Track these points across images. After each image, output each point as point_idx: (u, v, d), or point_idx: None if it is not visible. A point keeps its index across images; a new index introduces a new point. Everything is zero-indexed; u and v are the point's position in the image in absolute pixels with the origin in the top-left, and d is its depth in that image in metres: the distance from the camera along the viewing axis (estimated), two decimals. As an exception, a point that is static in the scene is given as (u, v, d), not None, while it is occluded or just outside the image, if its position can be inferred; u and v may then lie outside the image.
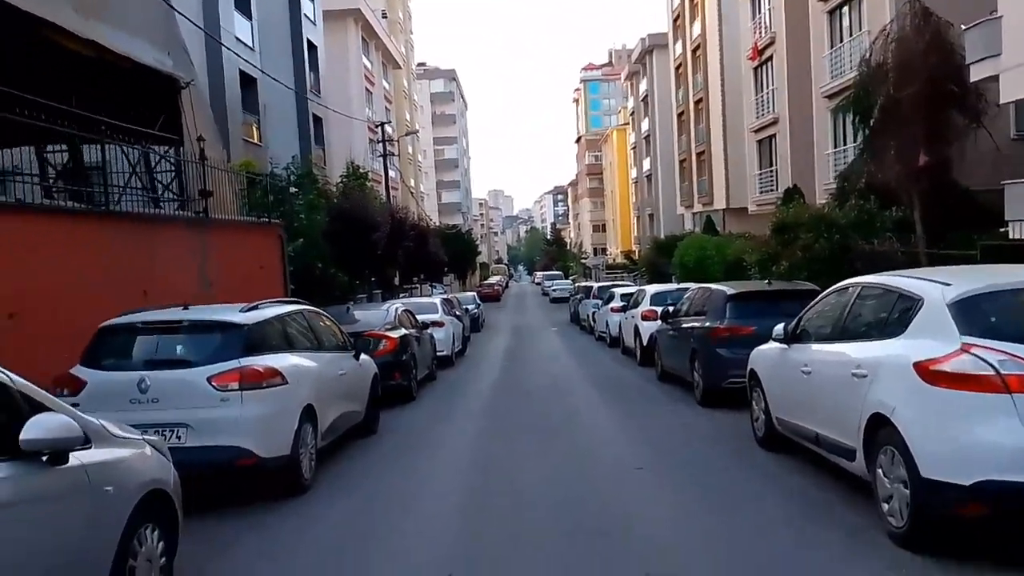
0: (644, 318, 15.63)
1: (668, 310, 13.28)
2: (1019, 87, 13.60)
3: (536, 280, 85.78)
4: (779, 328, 7.17)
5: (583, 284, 39.78)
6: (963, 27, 14.21)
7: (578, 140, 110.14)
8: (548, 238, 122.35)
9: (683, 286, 17.27)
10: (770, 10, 28.44)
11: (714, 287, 11.90)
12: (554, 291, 53.67)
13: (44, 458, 3.35)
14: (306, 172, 22.39)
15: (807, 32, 24.13)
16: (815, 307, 6.93)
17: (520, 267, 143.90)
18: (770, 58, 28.72)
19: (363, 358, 9.24)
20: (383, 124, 37.70)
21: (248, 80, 25.47)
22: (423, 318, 15.38)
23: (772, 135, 29.21)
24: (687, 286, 16.52)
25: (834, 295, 6.65)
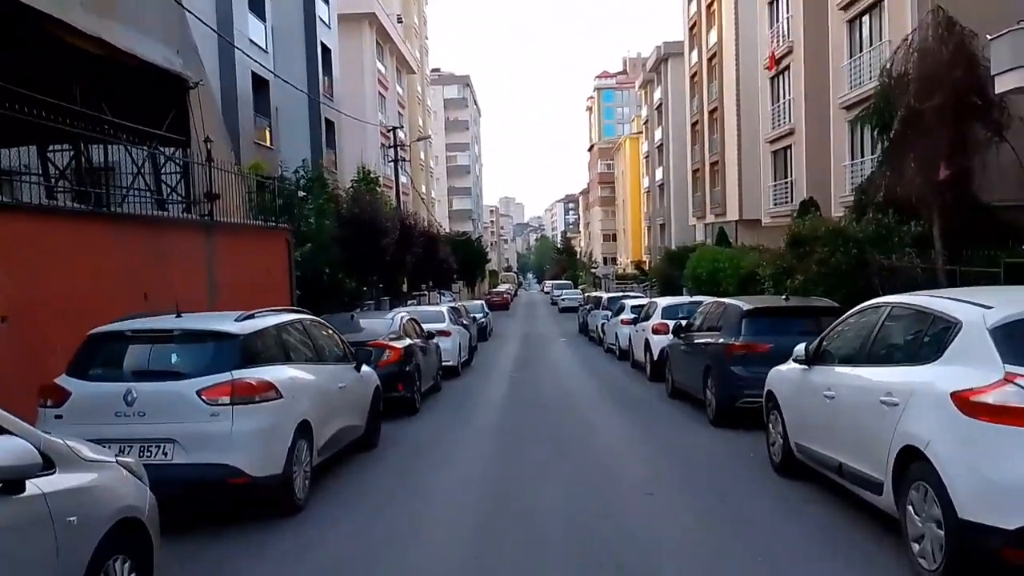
0: (655, 332, 15.27)
1: (680, 324, 12.93)
2: (1046, 100, 13.21)
3: (545, 289, 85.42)
4: (800, 348, 6.80)
5: (593, 294, 39.41)
6: (988, 37, 13.83)
7: (590, 148, 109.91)
8: (558, 247, 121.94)
9: (696, 299, 16.91)
10: (788, 19, 28.08)
11: (729, 302, 11.54)
12: (563, 301, 53.37)
13: (-3, 488, 3.05)
14: (316, 176, 22.21)
15: (826, 41, 23.76)
16: (839, 327, 6.56)
17: (530, 275, 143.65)
18: (787, 67, 28.34)
19: (364, 369, 8.94)
20: (395, 128, 37.50)
21: (260, 82, 25.35)
22: (429, 327, 15.06)
23: (788, 146, 28.82)
24: (700, 299, 16.19)
25: (860, 315, 6.28)
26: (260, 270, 13.86)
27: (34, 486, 3.20)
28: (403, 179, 37.50)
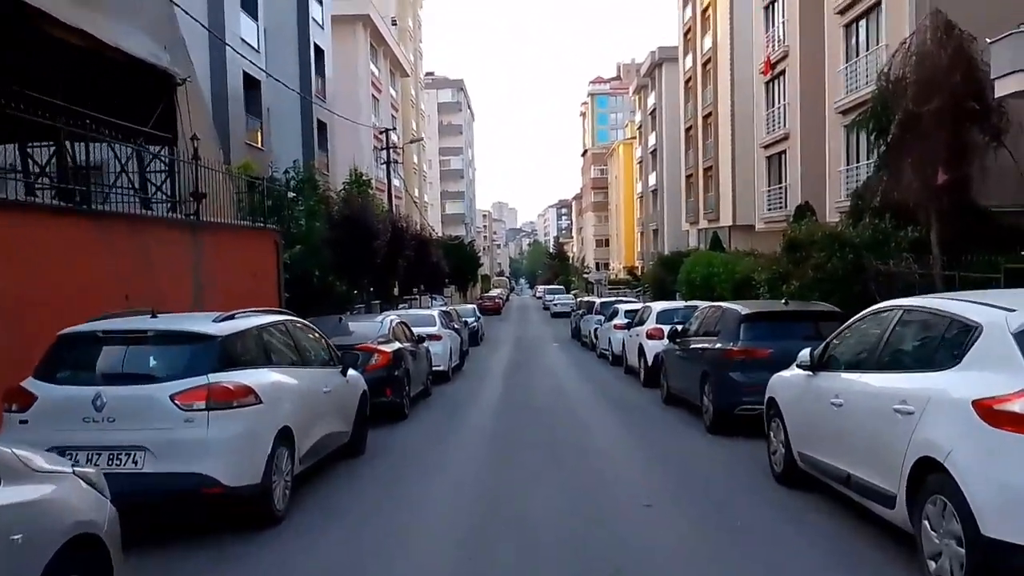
0: (650, 337, 15.00)
1: (676, 329, 12.66)
2: (1047, 103, 13.05)
3: (537, 294, 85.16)
4: (804, 354, 6.52)
5: (585, 299, 39.13)
6: (988, 40, 13.67)
7: (584, 154, 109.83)
8: (551, 252, 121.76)
9: (691, 304, 16.67)
10: (784, 23, 27.96)
11: (727, 306, 11.28)
12: (555, 306, 53.07)
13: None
14: (307, 177, 21.89)
15: (822, 46, 23.64)
16: (846, 332, 6.28)
17: (522, 280, 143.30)
18: (783, 72, 28.21)
19: (351, 373, 8.62)
20: (388, 130, 37.19)
21: (252, 82, 25.02)
22: (420, 331, 14.78)
23: (782, 151, 28.66)
24: (695, 304, 15.96)
25: (870, 319, 5.99)
26: (247, 272, 13.55)
27: (-27, 501, 2.89)
28: (396, 182, 37.19)
